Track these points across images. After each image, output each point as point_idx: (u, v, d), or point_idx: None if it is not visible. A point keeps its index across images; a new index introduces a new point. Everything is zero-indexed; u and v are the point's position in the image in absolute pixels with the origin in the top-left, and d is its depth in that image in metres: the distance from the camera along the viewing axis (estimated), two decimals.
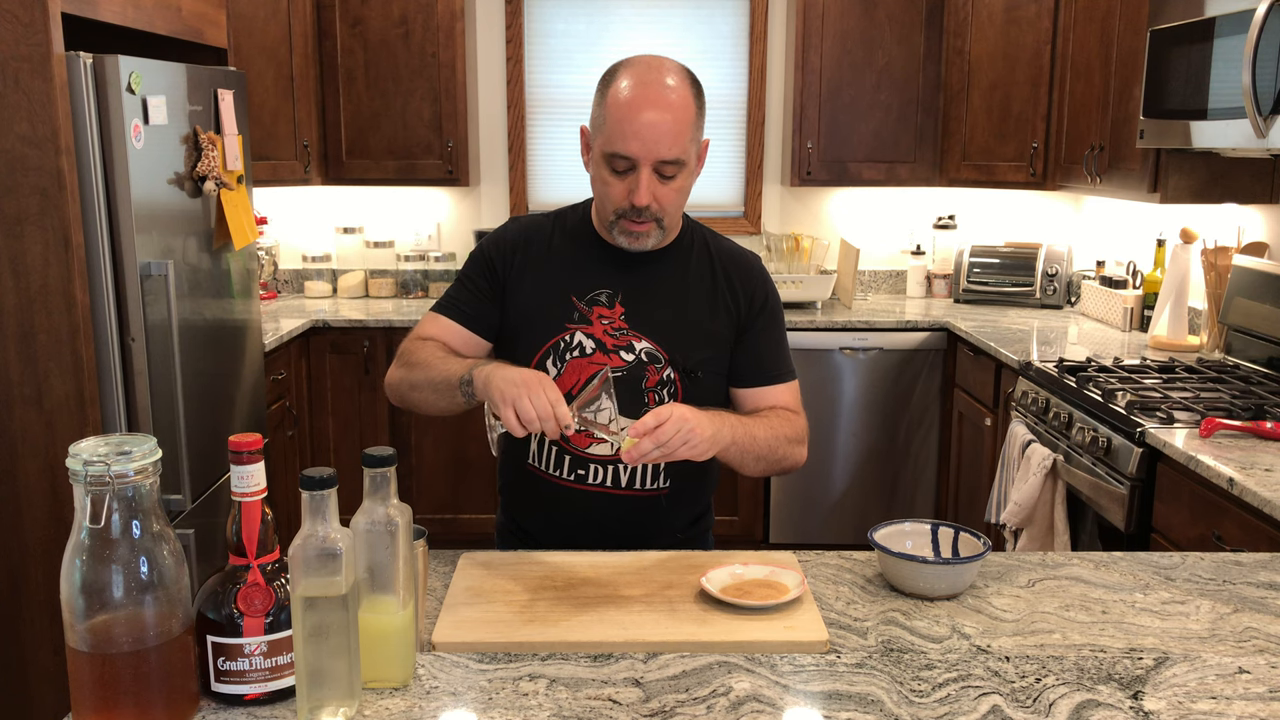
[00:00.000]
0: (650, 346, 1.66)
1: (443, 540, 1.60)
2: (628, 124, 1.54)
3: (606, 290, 1.68)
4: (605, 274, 1.69)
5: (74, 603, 1.02)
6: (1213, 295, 3.17)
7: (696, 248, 1.73)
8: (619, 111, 1.55)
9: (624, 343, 1.66)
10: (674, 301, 1.69)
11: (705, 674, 1.20)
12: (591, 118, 1.63)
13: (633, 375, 1.65)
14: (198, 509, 2.68)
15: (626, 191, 1.58)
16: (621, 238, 1.63)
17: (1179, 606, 1.39)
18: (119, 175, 2.36)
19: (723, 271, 1.72)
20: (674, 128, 1.55)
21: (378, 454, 1.13)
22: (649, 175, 1.56)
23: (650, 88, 1.55)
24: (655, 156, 1.55)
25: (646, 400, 1.66)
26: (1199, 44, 2.66)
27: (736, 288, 1.72)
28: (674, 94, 1.56)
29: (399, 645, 1.15)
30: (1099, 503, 2.51)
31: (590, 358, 1.65)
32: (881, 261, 4.55)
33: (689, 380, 1.67)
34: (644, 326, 1.67)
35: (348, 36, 4.01)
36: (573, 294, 1.67)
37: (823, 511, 4.01)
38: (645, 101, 1.54)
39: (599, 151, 1.59)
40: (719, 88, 4.36)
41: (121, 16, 2.46)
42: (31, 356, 2.31)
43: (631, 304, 1.67)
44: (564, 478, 1.69)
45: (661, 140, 1.54)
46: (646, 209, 1.58)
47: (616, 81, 1.57)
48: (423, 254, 4.37)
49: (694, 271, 1.71)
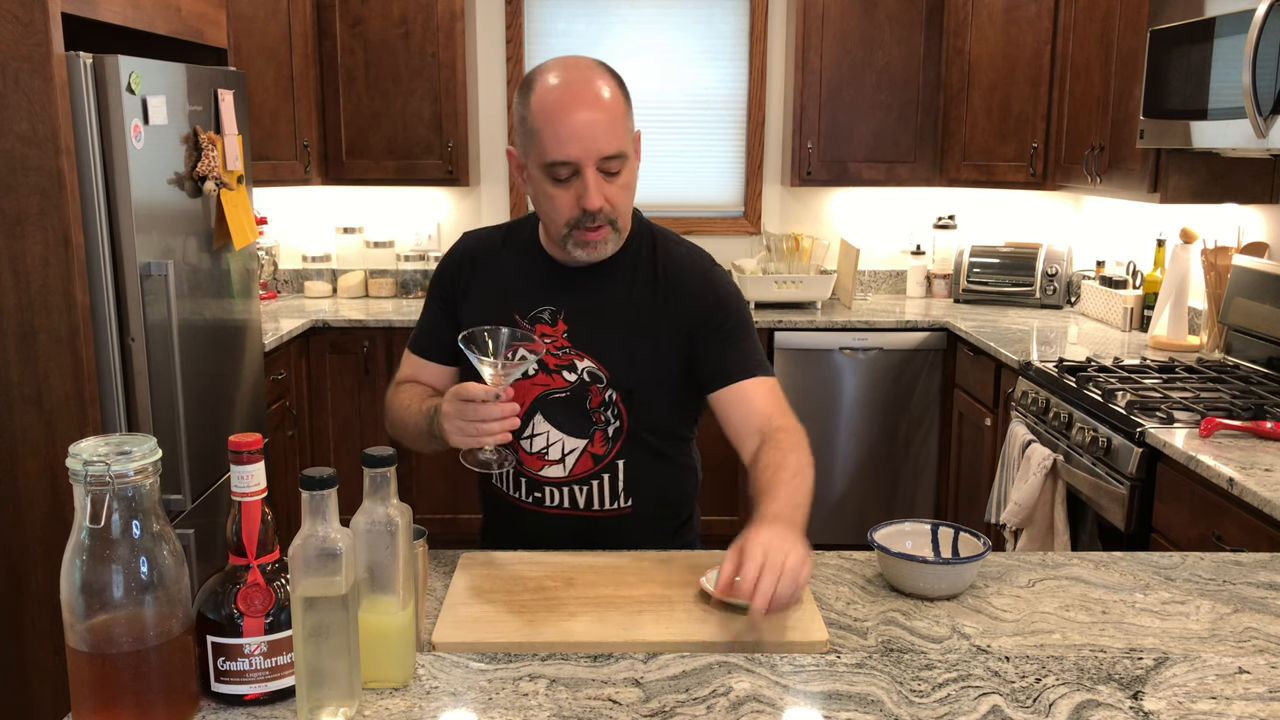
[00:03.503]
0: (592, 365, 1.60)
1: (443, 540, 1.60)
2: (562, 128, 1.46)
3: (550, 308, 1.62)
4: (549, 291, 1.63)
5: (74, 603, 1.02)
6: (1213, 295, 3.17)
7: (644, 259, 1.65)
8: (549, 117, 1.47)
9: (566, 362, 1.61)
10: (617, 318, 1.62)
11: (705, 674, 1.20)
12: (516, 136, 1.55)
13: (575, 395, 1.61)
14: (198, 509, 2.68)
15: (574, 199, 1.50)
16: (578, 250, 1.55)
17: (1179, 606, 1.39)
18: (119, 175, 2.36)
19: (667, 281, 1.63)
20: (609, 121, 1.48)
21: (378, 454, 1.13)
22: (595, 176, 1.49)
23: (574, 86, 1.49)
24: (596, 154, 1.48)
25: (594, 419, 1.61)
26: (1199, 44, 2.66)
27: (683, 296, 1.63)
28: (599, 89, 1.50)
29: (399, 645, 1.15)
30: (1099, 503, 2.51)
31: (532, 379, 1.61)
32: (881, 261, 4.55)
33: (629, 400, 1.61)
34: (586, 345, 1.61)
35: (348, 36, 4.01)
36: (516, 311, 1.63)
37: (823, 511, 4.01)
38: (574, 101, 1.47)
39: (535, 165, 1.51)
40: (719, 88, 4.36)
41: (121, 16, 2.46)
42: (31, 356, 2.31)
43: (574, 322, 1.62)
44: (524, 499, 1.67)
45: (599, 137, 1.47)
46: (600, 212, 1.50)
47: (536, 91, 1.50)
48: (423, 254, 4.37)
49: (638, 285, 1.63)
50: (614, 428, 1.62)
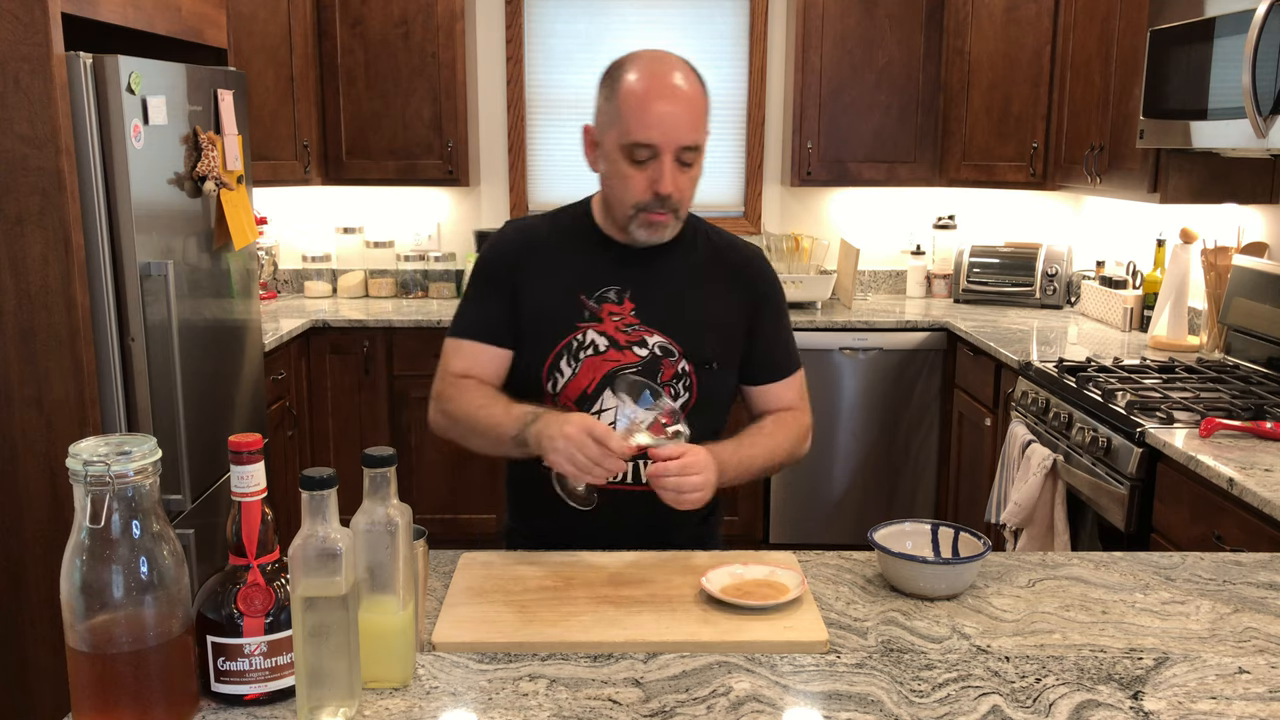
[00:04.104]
0: (663, 340, 1.67)
1: (443, 540, 1.59)
2: (648, 112, 1.55)
3: (615, 287, 1.68)
4: (612, 271, 1.69)
5: (74, 603, 1.02)
6: (1213, 295, 3.17)
7: (699, 240, 1.75)
8: (636, 101, 1.56)
9: (636, 338, 1.66)
10: (682, 294, 1.70)
11: (705, 674, 1.20)
12: (599, 114, 1.63)
13: (647, 370, 1.66)
14: (198, 509, 2.68)
15: (648, 182, 1.58)
16: (640, 231, 1.63)
17: (1179, 606, 1.39)
18: (119, 175, 2.36)
19: (727, 263, 1.74)
20: (692, 114, 1.57)
21: (378, 454, 1.13)
22: (671, 163, 1.57)
23: (664, 77, 1.57)
24: (677, 142, 1.56)
25: (663, 393, 1.66)
26: (1199, 44, 2.66)
27: (743, 280, 1.74)
28: (687, 81, 1.59)
29: (399, 645, 1.15)
30: (1099, 503, 2.51)
31: (604, 355, 1.65)
32: (881, 261, 4.55)
33: (703, 373, 1.68)
34: (655, 321, 1.67)
35: (348, 36, 4.01)
36: (581, 293, 1.67)
37: (823, 511, 4.01)
38: (663, 89, 1.56)
39: (614, 145, 1.59)
40: (719, 88, 4.35)
41: (121, 16, 2.46)
42: (31, 356, 2.31)
43: (641, 299, 1.68)
44: None
45: (682, 126, 1.56)
46: (669, 198, 1.58)
47: (626, 74, 1.58)
48: (423, 254, 4.37)
49: (699, 264, 1.72)
50: (683, 401, 1.68)
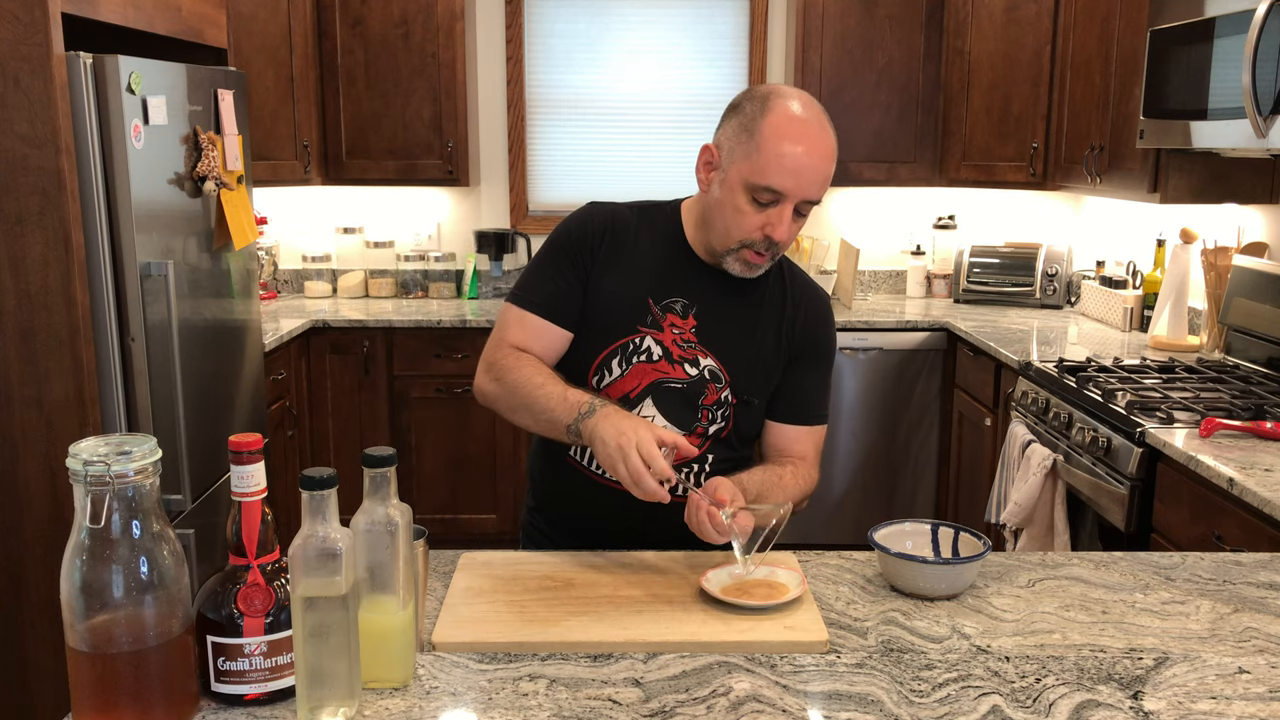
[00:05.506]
0: (715, 365, 1.65)
1: (443, 540, 1.60)
2: (787, 159, 1.51)
3: (683, 300, 1.66)
4: (687, 285, 1.66)
5: (74, 603, 1.02)
6: (1213, 295, 3.17)
7: (774, 273, 1.71)
8: (777, 145, 1.51)
9: (690, 356, 1.65)
10: (746, 325, 1.67)
11: (705, 674, 1.20)
12: (728, 139, 1.57)
13: (691, 390, 1.64)
14: (198, 509, 2.68)
15: (762, 224, 1.55)
16: (736, 265, 1.61)
17: (1179, 606, 1.39)
18: (119, 175, 2.36)
19: (794, 301, 1.71)
20: (828, 169, 1.54)
21: (378, 454, 1.13)
22: (790, 213, 1.54)
23: (809, 126, 1.53)
24: (804, 195, 1.53)
25: (700, 416, 1.65)
26: (1199, 44, 2.66)
27: (802, 320, 1.71)
28: (827, 135, 1.55)
29: (399, 645, 1.15)
30: (1099, 503, 2.51)
31: (655, 364, 1.64)
32: (881, 261, 4.55)
33: (743, 405, 1.67)
34: (713, 344, 1.65)
35: (348, 36, 4.01)
36: (650, 297, 1.65)
37: (823, 511, 4.01)
38: (805, 139, 1.52)
39: (740, 179, 1.54)
40: (719, 88, 4.35)
41: (121, 16, 2.46)
42: (31, 356, 2.31)
43: (705, 319, 1.66)
44: (598, 472, 1.67)
45: (814, 181, 1.53)
46: (777, 245, 1.56)
47: (772, 112, 1.53)
48: (423, 254, 4.38)
49: (769, 298, 1.70)
50: (716, 428, 1.67)
